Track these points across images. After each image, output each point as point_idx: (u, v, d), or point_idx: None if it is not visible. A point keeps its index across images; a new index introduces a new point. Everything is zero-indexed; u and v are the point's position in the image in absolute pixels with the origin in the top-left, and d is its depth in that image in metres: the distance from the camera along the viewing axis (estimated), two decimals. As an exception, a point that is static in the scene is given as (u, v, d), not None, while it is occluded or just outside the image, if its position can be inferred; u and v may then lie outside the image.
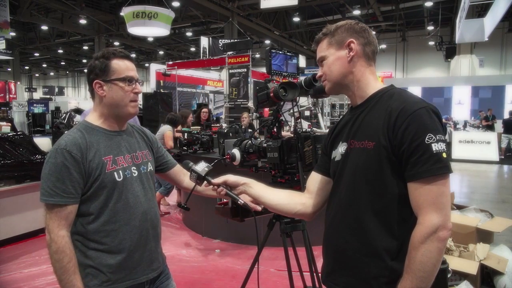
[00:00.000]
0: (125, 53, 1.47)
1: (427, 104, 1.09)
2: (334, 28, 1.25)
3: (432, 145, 1.03)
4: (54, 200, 1.29)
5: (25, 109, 19.14)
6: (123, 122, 1.51)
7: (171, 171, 1.71)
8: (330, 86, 1.27)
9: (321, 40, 1.28)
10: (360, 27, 1.23)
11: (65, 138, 1.36)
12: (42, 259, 3.81)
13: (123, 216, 1.41)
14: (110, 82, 1.41)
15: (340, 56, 1.22)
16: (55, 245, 1.29)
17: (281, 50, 1.98)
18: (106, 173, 1.37)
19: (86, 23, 19.92)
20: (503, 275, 2.85)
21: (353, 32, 1.22)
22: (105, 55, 1.42)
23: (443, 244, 1.03)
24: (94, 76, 1.42)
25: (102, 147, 1.40)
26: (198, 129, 5.75)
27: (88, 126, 1.44)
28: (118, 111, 1.44)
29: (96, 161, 1.36)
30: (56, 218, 1.30)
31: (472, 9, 12.47)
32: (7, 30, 11.73)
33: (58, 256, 1.29)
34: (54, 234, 1.30)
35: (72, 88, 39.13)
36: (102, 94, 1.42)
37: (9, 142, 4.38)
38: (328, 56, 1.24)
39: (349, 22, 1.25)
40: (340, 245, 1.21)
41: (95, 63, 1.42)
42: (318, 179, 1.37)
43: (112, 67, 1.41)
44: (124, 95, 1.42)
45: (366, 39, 1.22)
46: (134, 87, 1.45)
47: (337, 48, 1.23)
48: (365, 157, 1.13)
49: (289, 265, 1.82)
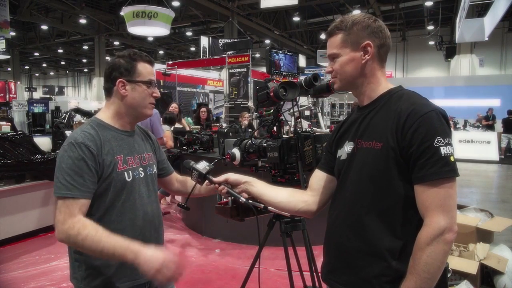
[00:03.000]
0: (150, 58, 1.49)
1: (436, 107, 1.09)
2: (350, 23, 1.18)
3: (441, 148, 1.03)
4: (72, 193, 1.27)
5: (25, 109, 19.11)
6: (135, 123, 1.52)
7: (167, 178, 1.71)
8: (340, 84, 1.25)
9: (334, 34, 1.21)
10: (377, 26, 1.19)
11: (81, 134, 1.35)
12: (42, 258, 3.81)
13: (128, 216, 1.41)
14: (134, 83, 1.42)
15: (355, 57, 1.18)
16: (72, 230, 1.23)
17: (282, 49, 1.98)
18: (118, 172, 1.38)
19: (86, 23, 19.94)
20: (503, 274, 2.85)
21: (370, 32, 1.17)
22: (132, 56, 1.43)
23: (448, 246, 1.04)
24: (118, 74, 1.41)
25: (114, 146, 1.40)
26: (198, 128, 5.75)
27: (101, 123, 1.43)
28: (137, 111, 1.45)
29: (109, 159, 1.36)
30: (68, 211, 1.27)
31: (472, 9, 12.46)
32: (7, 29, 11.73)
33: (83, 235, 1.22)
34: (69, 222, 1.24)
35: (72, 87, 39.13)
36: (125, 93, 1.42)
37: (9, 141, 4.37)
38: (342, 55, 1.20)
39: (366, 19, 1.19)
40: (343, 243, 1.21)
41: (120, 62, 1.42)
42: (321, 177, 1.37)
43: (138, 68, 1.42)
44: (145, 98, 1.44)
45: (382, 40, 1.19)
46: (153, 91, 1.47)
47: (352, 49, 1.18)
48: (372, 157, 1.13)
49: (289, 265, 1.82)
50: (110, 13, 18.97)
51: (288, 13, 20.32)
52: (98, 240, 1.22)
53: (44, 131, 18.16)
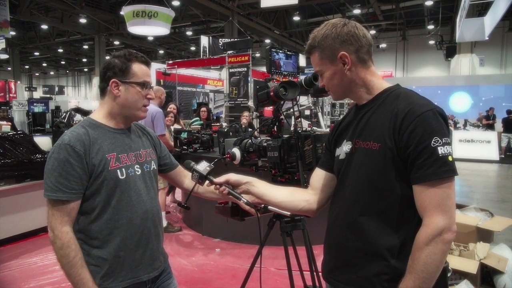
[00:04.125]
0: (146, 59, 1.48)
1: (434, 107, 1.09)
2: (320, 38, 1.19)
3: (438, 148, 1.03)
4: (57, 195, 1.29)
5: (25, 108, 19.14)
6: (129, 122, 1.51)
7: (172, 172, 1.71)
8: (335, 97, 1.28)
9: (312, 53, 1.23)
10: (347, 32, 1.16)
11: (69, 134, 1.36)
12: (42, 258, 3.81)
13: (126, 214, 1.40)
14: (128, 84, 1.41)
15: (336, 70, 1.19)
16: (59, 241, 1.30)
17: (282, 49, 1.98)
18: (109, 170, 1.37)
19: (86, 22, 19.93)
20: (503, 274, 2.85)
21: (341, 41, 1.16)
22: (127, 56, 1.43)
23: (447, 246, 1.04)
24: (112, 74, 1.41)
25: (105, 144, 1.40)
26: (198, 128, 5.75)
27: (93, 123, 1.43)
28: (129, 112, 1.45)
29: (99, 158, 1.36)
30: (59, 214, 1.31)
31: (472, 8, 12.44)
32: (7, 29, 11.71)
33: (64, 251, 1.30)
34: (58, 230, 1.30)
35: (72, 87, 39.13)
36: (117, 93, 1.42)
37: (9, 141, 4.38)
38: (325, 71, 1.21)
39: (335, 29, 1.17)
40: (342, 243, 1.21)
41: (115, 62, 1.42)
42: (322, 176, 1.37)
43: (133, 69, 1.42)
44: (138, 100, 1.44)
45: (356, 44, 1.17)
46: (147, 92, 1.46)
47: (331, 62, 1.19)
48: (370, 157, 1.13)
49: (289, 264, 1.82)
50: (110, 12, 18.96)
51: (288, 13, 20.30)
52: (72, 265, 1.31)
53: (44, 130, 18.19)
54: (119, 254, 1.39)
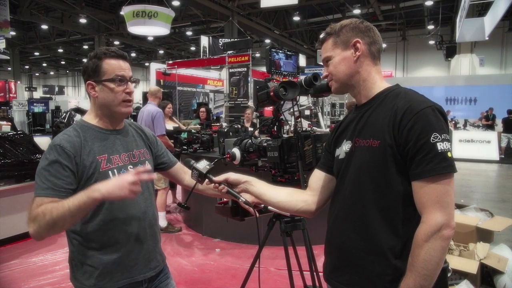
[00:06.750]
0: (117, 52, 1.43)
1: (433, 104, 1.10)
2: (339, 27, 1.24)
3: (437, 144, 1.04)
4: (45, 192, 1.27)
5: (25, 108, 19.16)
6: (118, 121, 1.50)
7: (172, 169, 1.70)
8: (337, 86, 1.27)
9: (325, 40, 1.26)
10: (365, 26, 1.23)
11: (60, 136, 1.37)
12: (42, 258, 3.81)
13: (120, 215, 1.40)
14: (101, 83, 1.40)
15: (346, 56, 1.22)
16: (38, 215, 1.20)
17: (282, 49, 1.97)
18: (101, 172, 1.37)
19: (86, 22, 19.92)
20: (503, 274, 2.85)
21: (358, 31, 1.22)
22: (97, 55, 1.41)
23: (446, 242, 1.04)
24: (87, 76, 1.42)
25: (96, 146, 1.39)
26: (198, 128, 5.75)
27: (84, 125, 1.44)
28: (111, 111, 1.44)
29: (90, 159, 1.36)
30: (39, 204, 1.24)
31: (472, 8, 12.46)
32: (7, 29, 11.71)
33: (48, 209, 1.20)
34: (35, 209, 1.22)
35: (72, 87, 39.12)
36: (94, 95, 1.42)
37: (9, 141, 4.38)
38: (334, 56, 1.24)
39: (354, 21, 1.24)
40: (344, 242, 1.21)
41: (88, 63, 1.42)
42: (321, 177, 1.37)
43: (103, 67, 1.39)
44: (115, 96, 1.40)
45: (371, 38, 1.22)
46: (126, 87, 1.42)
47: (343, 48, 1.22)
48: (370, 155, 1.14)
49: (289, 264, 1.82)
50: (110, 12, 18.94)
51: (288, 13, 20.30)
52: (62, 205, 1.19)
53: (44, 130, 18.22)
54: (114, 255, 1.39)
